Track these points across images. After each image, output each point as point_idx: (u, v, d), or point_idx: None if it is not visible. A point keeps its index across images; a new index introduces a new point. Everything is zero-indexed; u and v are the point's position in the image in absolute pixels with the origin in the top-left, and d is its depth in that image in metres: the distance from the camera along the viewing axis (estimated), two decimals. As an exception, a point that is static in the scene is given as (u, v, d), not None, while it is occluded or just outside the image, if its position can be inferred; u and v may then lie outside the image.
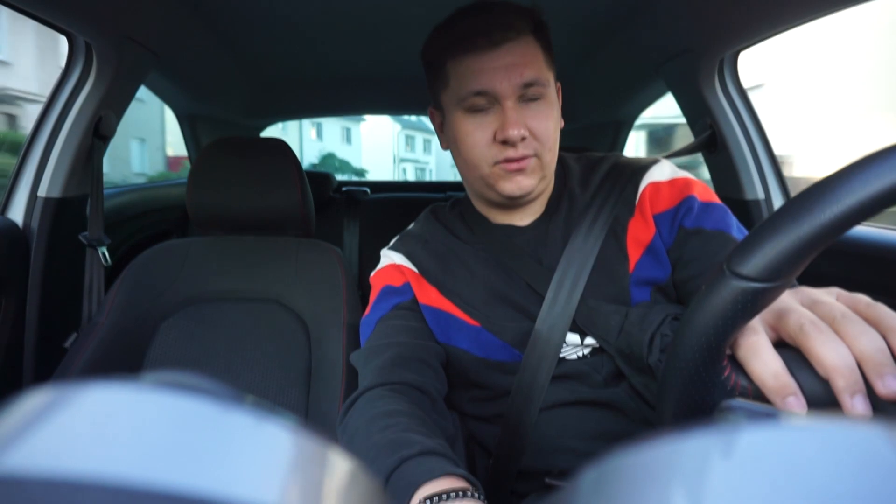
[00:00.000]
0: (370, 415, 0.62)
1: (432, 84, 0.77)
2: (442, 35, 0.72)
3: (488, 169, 0.71)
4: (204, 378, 0.13)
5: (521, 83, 0.68)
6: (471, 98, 0.69)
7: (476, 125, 0.70)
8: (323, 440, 0.13)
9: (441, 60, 0.72)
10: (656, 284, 0.72)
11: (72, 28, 1.02)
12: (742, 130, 1.28)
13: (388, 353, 0.72)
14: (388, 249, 0.85)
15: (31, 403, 0.12)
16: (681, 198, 0.73)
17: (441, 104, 0.76)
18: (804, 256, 0.31)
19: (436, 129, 0.83)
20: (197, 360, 0.99)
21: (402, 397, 0.66)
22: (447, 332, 0.77)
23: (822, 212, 0.30)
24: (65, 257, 1.16)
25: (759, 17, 1.03)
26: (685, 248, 0.71)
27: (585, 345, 0.73)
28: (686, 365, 0.35)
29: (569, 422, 0.72)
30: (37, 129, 1.14)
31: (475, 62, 0.68)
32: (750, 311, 0.33)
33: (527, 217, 0.79)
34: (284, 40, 1.42)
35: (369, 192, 2.30)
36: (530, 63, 0.68)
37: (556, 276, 0.72)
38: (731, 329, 0.33)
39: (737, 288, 0.32)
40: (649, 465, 0.13)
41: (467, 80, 0.69)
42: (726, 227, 0.70)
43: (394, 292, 0.79)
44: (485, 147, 0.70)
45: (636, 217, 0.74)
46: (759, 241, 0.32)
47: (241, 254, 1.10)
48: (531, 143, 0.69)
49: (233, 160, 1.09)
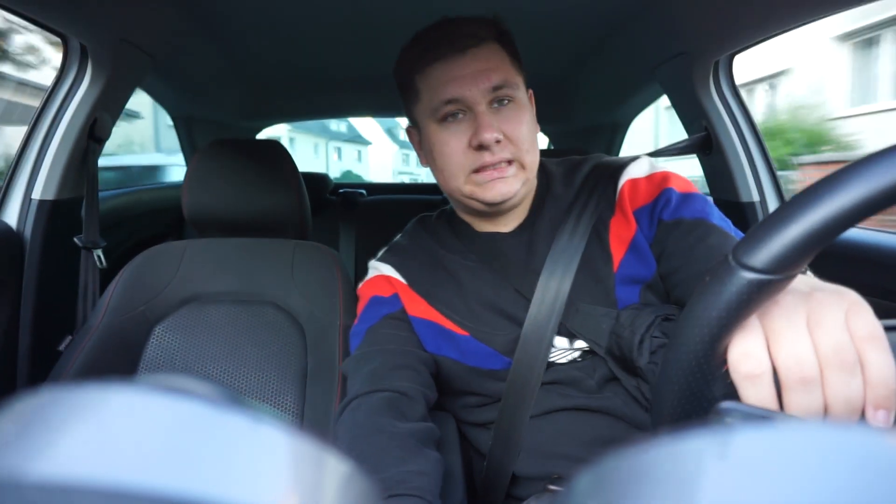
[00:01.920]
0: (353, 434, 0.64)
1: (406, 103, 0.78)
2: (408, 52, 0.73)
3: (465, 177, 0.71)
4: (200, 381, 0.13)
5: (489, 87, 0.68)
6: (442, 108, 0.69)
7: (450, 134, 0.70)
8: (319, 443, 0.13)
9: (410, 76, 0.73)
10: (643, 282, 0.72)
11: (67, 30, 1.02)
12: (737, 133, 1.28)
13: (378, 359, 0.72)
14: (377, 261, 0.85)
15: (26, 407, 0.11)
16: (658, 191, 0.73)
17: (416, 120, 0.76)
18: (812, 248, 0.30)
19: (415, 148, 0.83)
20: (192, 362, 0.99)
21: (387, 409, 0.66)
22: (437, 343, 0.77)
23: (832, 203, 0.29)
24: (59, 260, 1.16)
25: (753, 20, 1.04)
26: (667, 240, 0.71)
27: (575, 348, 0.73)
28: (686, 357, 0.34)
29: (563, 427, 0.72)
30: (31, 130, 1.13)
31: (442, 72, 0.69)
32: (755, 303, 0.32)
33: (511, 223, 0.79)
34: (279, 43, 1.42)
35: (365, 194, 2.30)
36: (497, 67, 0.69)
37: (541, 279, 0.72)
38: (734, 321, 0.33)
39: (743, 279, 0.31)
40: (645, 467, 0.13)
41: (436, 90, 0.69)
42: (706, 216, 0.69)
43: (382, 303, 0.79)
44: (461, 155, 0.70)
45: (617, 215, 0.75)
46: (767, 232, 0.31)
47: (237, 256, 1.10)
48: (507, 147, 0.69)
49: (229, 162, 1.09)
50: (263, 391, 0.97)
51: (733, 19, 1.06)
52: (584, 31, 1.35)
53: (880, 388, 0.31)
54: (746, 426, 0.13)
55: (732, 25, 1.08)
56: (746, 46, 1.15)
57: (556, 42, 1.46)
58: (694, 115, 1.33)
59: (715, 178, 1.37)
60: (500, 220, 0.79)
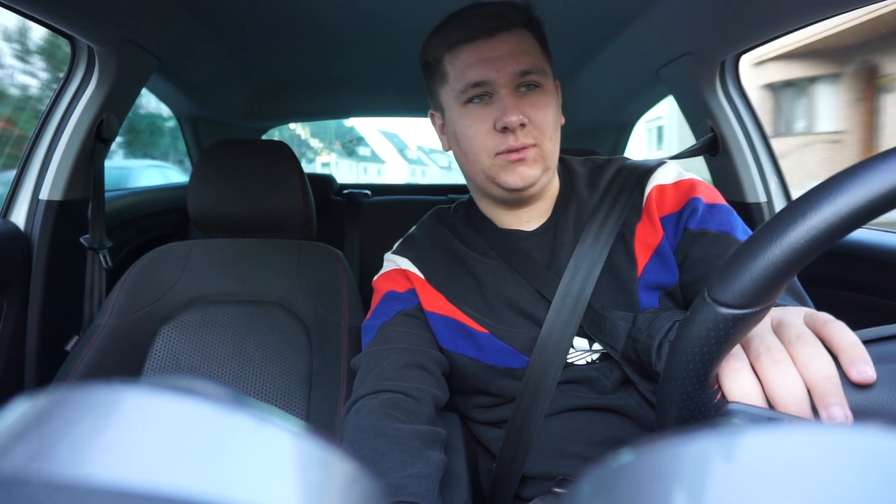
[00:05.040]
0: (356, 438, 0.64)
1: (431, 85, 0.77)
2: (438, 34, 0.73)
3: (489, 160, 0.70)
4: (205, 381, 0.13)
5: (517, 71, 0.68)
6: (469, 90, 0.69)
7: (475, 116, 0.70)
8: (324, 443, 0.13)
9: (438, 58, 0.73)
10: (664, 289, 0.72)
11: (74, 32, 1.03)
12: (744, 133, 1.28)
13: (389, 359, 0.72)
14: (393, 254, 0.84)
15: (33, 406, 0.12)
16: (685, 200, 0.72)
17: (441, 103, 0.76)
18: (780, 281, 0.31)
19: (437, 132, 0.82)
20: (198, 362, 0.99)
21: (391, 410, 0.66)
22: (454, 339, 0.76)
23: (793, 236, 0.30)
24: (66, 260, 1.16)
25: (759, 20, 1.03)
26: (690, 250, 0.70)
27: (594, 350, 0.72)
28: (677, 391, 0.36)
29: (576, 427, 0.71)
30: (39, 131, 1.14)
31: (471, 53, 0.68)
32: (733, 338, 0.33)
33: (534, 221, 0.78)
34: (285, 44, 1.42)
35: (370, 194, 2.30)
36: (525, 52, 0.69)
37: (563, 282, 0.71)
38: (716, 355, 0.34)
39: (718, 315, 0.32)
40: (651, 467, 0.13)
41: (464, 71, 0.69)
42: (731, 229, 0.69)
43: (397, 298, 0.79)
44: (485, 137, 0.69)
45: (643, 221, 0.74)
46: (736, 269, 0.32)
47: (243, 256, 1.10)
48: (531, 132, 0.69)
49: (234, 162, 1.09)
50: (268, 391, 0.97)
51: (739, 19, 1.05)
52: (588, 30, 1.34)
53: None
54: (753, 428, 0.13)
55: (739, 25, 1.07)
56: (753, 46, 1.14)
57: (560, 42, 1.45)
58: (700, 115, 1.33)
59: (721, 179, 1.37)
60: (523, 217, 0.78)
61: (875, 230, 1.11)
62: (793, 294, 0.65)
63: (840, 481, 0.11)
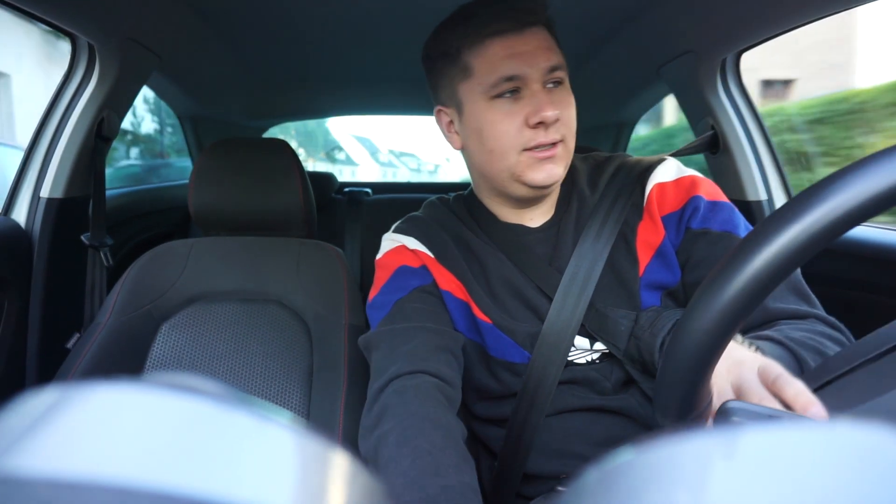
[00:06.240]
0: (405, 423, 0.59)
1: (443, 80, 0.74)
2: (458, 26, 0.70)
3: (517, 157, 0.69)
4: (206, 379, 0.13)
5: (548, 66, 0.67)
6: (501, 84, 0.67)
7: (505, 112, 0.68)
8: (325, 441, 0.13)
9: (458, 51, 0.70)
10: (666, 289, 0.71)
11: (75, 29, 1.03)
12: (744, 131, 1.27)
13: (419, 337, 0.68)
14: (395, 233, 0.80)
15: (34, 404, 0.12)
16: (687, 198, 0.72)
17: (459, 98, 0.72)
18: (696, 393, 0.35)
19: (444, 130, 0.78)
20: (198, 360, 0.99)
21: (438, 396, 0.63)
22: (467, 324, 0.75)
23: (688, 357, 0.34)
24: (67, 258, 1.16)
25: (760, 18, 1.03)
26: (692, 249, 0.70)
27: (595, 349, 0.72)
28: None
29: (577, 427, 0.71)
30: (39, 129, 1.14)
31: (504, 47, 0.67)
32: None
33: (537, 218, 0.77)
34: (286, 42, 1.42)
35: (371, 192, 2.30)
36: (553, 48, 0.69)
37: (564, 279, 0.71)
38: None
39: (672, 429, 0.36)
40: (652, 466, 0.13)
41: (494, 66, 0.67)
42: (733, 228, 0.69)
43: (412, 273, 0.75)
44: (515, 134, 0.68)
45: (645, 220, 0.73)
46: (666, 396, 0.37)
47: (243, 254, 1.10)
48: (559, 128, 0.68)
49: (235, 161, 1.09)
50: (269, 389, 0.97)
51: (740, 16, 1.05)
52: (588, 28, 1.34)
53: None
54: (753, 425, 0.13)
55: (740, 23, 1.07)
56: (755, 44, 1.14)
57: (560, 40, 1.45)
58: (700, 113, 1.32)
59: (722, 177, 1.37)
60: (527, 213, 0.77)
61: (874, 228, 1.11)
62: (798, 295, 0.65)
63: (841, 478, 0.11)
